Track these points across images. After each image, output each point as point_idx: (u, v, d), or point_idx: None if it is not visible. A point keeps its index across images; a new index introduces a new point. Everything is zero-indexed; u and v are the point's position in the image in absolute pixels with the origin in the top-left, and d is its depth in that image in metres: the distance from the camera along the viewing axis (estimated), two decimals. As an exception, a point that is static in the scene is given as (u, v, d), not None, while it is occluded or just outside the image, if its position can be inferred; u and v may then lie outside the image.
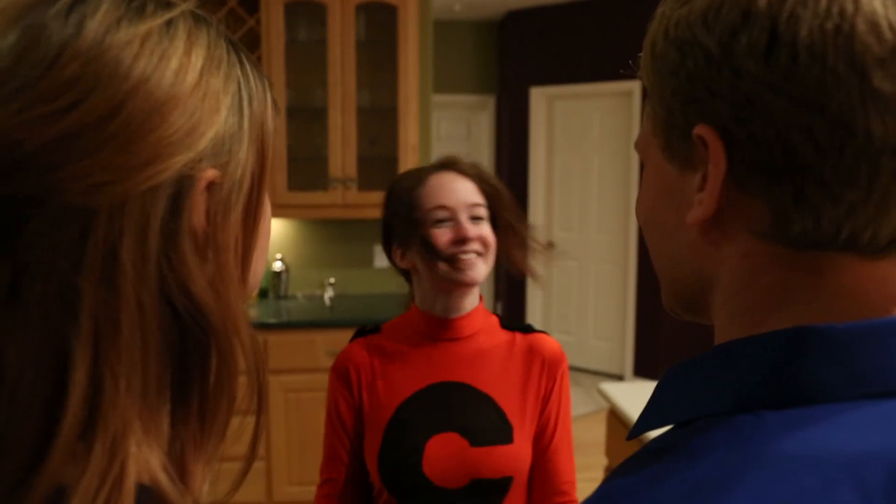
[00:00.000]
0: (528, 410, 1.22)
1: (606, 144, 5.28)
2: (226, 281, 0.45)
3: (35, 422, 0.38)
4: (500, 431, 1.18)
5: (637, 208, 0.50)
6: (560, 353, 1.26)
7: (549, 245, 1.25)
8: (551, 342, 1.27)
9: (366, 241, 3.56)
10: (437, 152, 5.56)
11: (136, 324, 0.40)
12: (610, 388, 2.21)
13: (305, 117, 3.35)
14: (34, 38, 0.39)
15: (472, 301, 1.24)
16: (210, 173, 0.43)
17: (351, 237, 3.55)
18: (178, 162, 0.41)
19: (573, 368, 5.41)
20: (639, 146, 0.49)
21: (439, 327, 1.23)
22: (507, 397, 1.21)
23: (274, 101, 0.51)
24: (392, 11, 3.20)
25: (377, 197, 3.18)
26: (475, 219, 1.19)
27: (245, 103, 0.46)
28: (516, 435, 1.19)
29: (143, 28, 0.41)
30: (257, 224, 0.48)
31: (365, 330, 1.30)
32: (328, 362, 2.95)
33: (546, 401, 1.23)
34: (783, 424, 0.36)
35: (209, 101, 0.43)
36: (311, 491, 3.03)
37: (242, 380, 0.45)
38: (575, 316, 5.56)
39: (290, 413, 3.03)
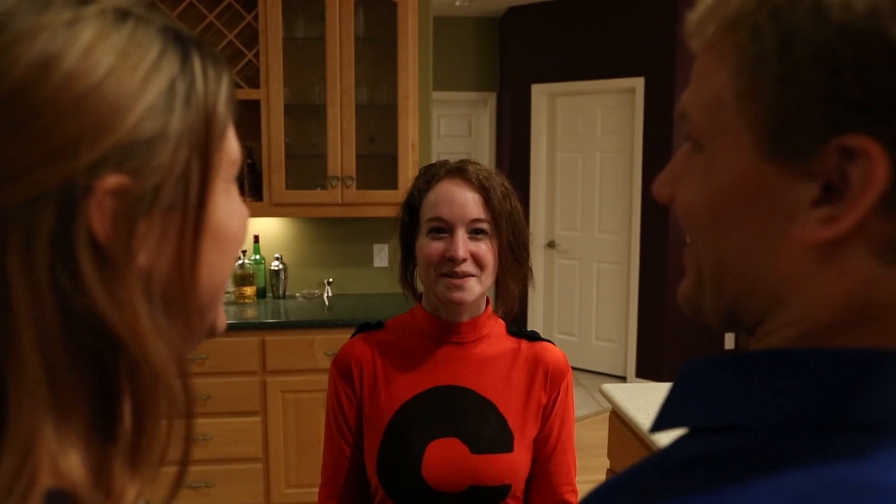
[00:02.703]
0: (529, 419, 1.20)
1: (609, 142, 5.24)
2: (132, 295, 0.41)
3: None
4: (501, 439, 1.16)
5: (688, 203, 0.44)
6: (564, 365, 1.24)
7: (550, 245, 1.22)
8: (556, 352, 1.25)
9: (365, 241, 3.52)
10: (438, 150, 5.54)
11: (35, 338, 0.38)
12: (612, 389, 2.18)
13: (304, 115, 3.32)
14: None
15: (477, 307, 1.21)
16: (113, 180, 0.40)
17: (350, 236, 3.52)
18: (62, 170, 0.38)
19: (575, 369, 5.38)
20: (700, 129, 0.42)
21: (444, 330, 1.21)
22: (509, 405, 1.19)
23: (232, 99, 0.48)
24: (392, 7, 3.17)
25: (376, 195, 3.15)
26: (476, 232, 1.15)
27: (179, 103, 0.43)
28: (516, 443, 1.17)
29: (43, 21, 0.39)
30: (199, 231, 0.45)
31: (368, 325, 1.27)
32: (327, 363, 2.92)
33: (548, 413, 1.21)
34: (858, 450, 0.34)
35: (111, 104, 0.40)
36: (309, 493, 3.00)
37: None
38: (577, 316, 5.53)
39: (288, 414, 3.00)
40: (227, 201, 0.48)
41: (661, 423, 0.43)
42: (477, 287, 1.15)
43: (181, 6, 3.10)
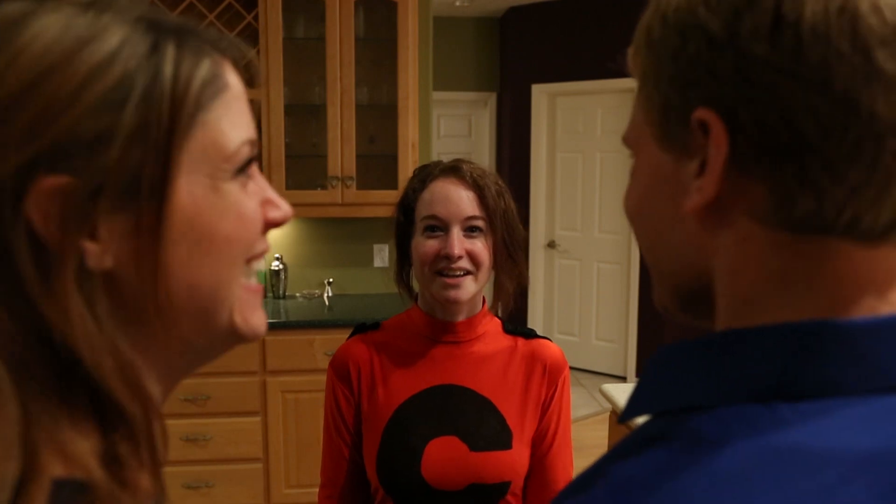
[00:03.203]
0: (528, 416, 1.20)
1: (609, 142, 5.24)
2: (70, 295, 0.40)
3: None
4: (500, 437, 1.17)
5: (626, 203, 0.49)
6: (562, 360, 1.25)
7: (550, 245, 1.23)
8: (553, 349, 1.26)
9: (365, 241, 3.52)
10: (438, 150, 5.53)
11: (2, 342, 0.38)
12: (612, 389, 2.18)
13: (304, 115, 3.32)
14: None
15: (473, 306, 1.22)
16: (50, 181, 0.39)
17: (350, 236, 3.52)
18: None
19: (575, 369, 5.38)
20: (629, 139, 0.48)
21: (441, 330, 1.21)
22: (507, 403, 1.19)
23: (211, 87, 0.45)
24: (392, 7, 3.16)
25: (377, 195, 3.15)
26: (471, 230, 1.15)
27: (135, 97, 0.41)
28: (515, 441, 1.18)
29: None
30: (158, 231, 0.42)
31: (365, 326, 1.27)
32: (327, 363, 2.91)
33: (546, 408, 1.22)
34: (798, 417, 0.37)
35: (45, 103, 0.39)
36: (309, 493, 3.00)
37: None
38: (577, 316, 5.53)
39: (288, 414, 3.00)
40: (212, 198, 0.45)
41: (628, 413, 0.45)
42: (472, 285, 1.16)
43: (181, 6, 3.10)
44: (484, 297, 1.26)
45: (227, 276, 0.47)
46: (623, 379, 5.25)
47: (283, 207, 0.51)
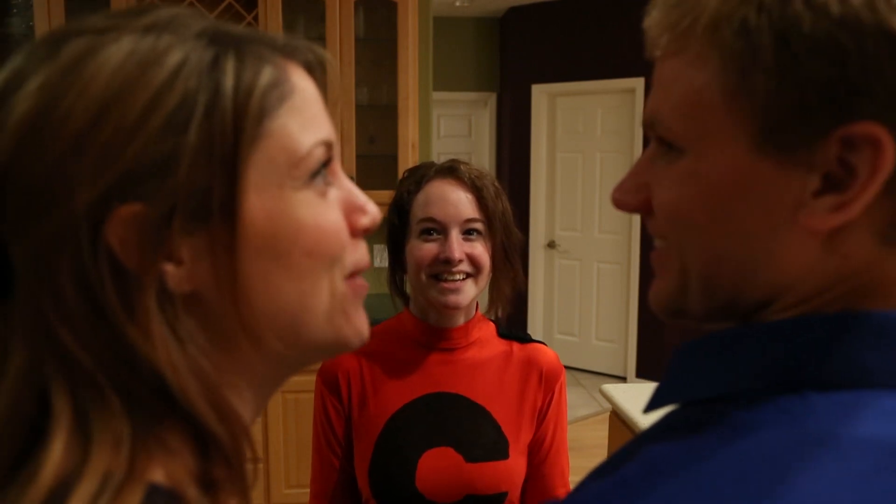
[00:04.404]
0: (524, 424, 1.17)
1: (609, 142, 5.24)
2: (153, 321, 0.40)
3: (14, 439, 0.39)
4: (496, 446, 1.14)
5: (670, 205, 0.44)
6: (558, 366, 1.22)
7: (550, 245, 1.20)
8: (549, 354, 1.22)
9: (365, 241, 3.51)
10: (438, 150, 5.53)
11: (93, 371, 0.38)
12: (612, 389, 2.18)
13: (304, 115, 3.32)
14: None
15: (468, 311, 1.18)
16: (124, 210, 0.39)
17: (350, 236, 3.51)
18: (69, 211, 0.38)
19: (575, 369, 5.38)
20: (682, 126, 0.42)
21: (434, 336, 1.17)
22: (503, 410, 1.16)
23: (283, 94, 0.43)
24: (392, 7, 3.16)
25: (377, 196, 3.14)
26: (469, 232, 1.11)
27: (198, 115, 0.40)
28: (512, 449, 1.15)
29: (41, 75, 0.39)
30: (233, 247, 0.41)
31: None
32: (327, 363, 2.92)
33: (543, 415, 1.19)
34: (830, 406, 0.36)
35: (110, 136, 0.38)
36: (308, 494, 2.99)
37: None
38: (577, 316, 5.52)
39: (288, 414, 3.00)
40: (286, 211, 0.43)
41: (654, 403, 0.44)
42: (472, 290, 1.12)
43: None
44: (477, 302, 1.22)
45: (311, 289, 0.44)
46: (623, 379, 5.25)
47: (370, 211, 0.49)
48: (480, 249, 1.11)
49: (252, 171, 0.42)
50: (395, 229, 1.17)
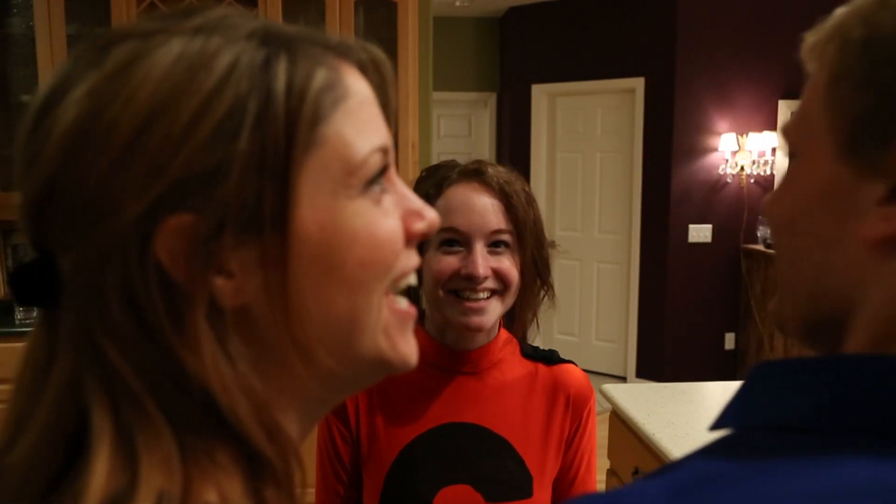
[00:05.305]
0: (550, 457, 1.05)
1: (609, 142, 5.24)
2: (203, 336, 0.38)
3: (52, 460, 0.37)
4: (519, 484, 1.02)
5: (775, 207, 0.45)
6: (587, 389, 1.09)
7: (552, 244, 1.08)
8: (577, 375, 1.10)
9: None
10: (438, 150, 5.53)
11: (143, 389, 0.37)
12: (612, 389, 2.18)
13: (304, 115, 3.32)
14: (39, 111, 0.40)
15: (491, 330, 1.05)
16: (173, 221, 0.37)
17: (350, 236, 3.51)
18: (116, 224, 0.37)
19: (575, 368, 5.38)
20: (794, 137, 0.44)
21: (451, 359, 1.04)
22: (527, 442, 1.04)
23: (339, 97, 0.41)
24: (392, 7, 3.16)
25: (376, 195, 3.14)
26: (496, 245, 0.98)
27: (248, 123, 0.38)
28: (536, 486, 1.03)
29: (87, 82, 0.38)
30: (284, 259, 0.39)
31: None
32: (327, 363, 2.91)
33: (569, 444, 1.07)
34: (892, 454, 0.34)
35: (158, 147, 0.37)
36: (309, 493, 2.98)
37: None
38: (577, 316, 5.53)
39: (289, 414, 3.00)
40: (339, 221, 0.41)
41: (720, 422, 0.43)
42: (498, 309, 0.99)
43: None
44: (501, 320, 1.07)
45: (364, 302, 0.42)
46: (623, 379, 5.25)
47: (427, 216, 0.46)
48: (508, 264, 0.98)
49: (305, 180, 0.39)
50: None
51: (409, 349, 0.46)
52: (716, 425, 0.43)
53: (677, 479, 0.37)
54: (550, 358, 1.10)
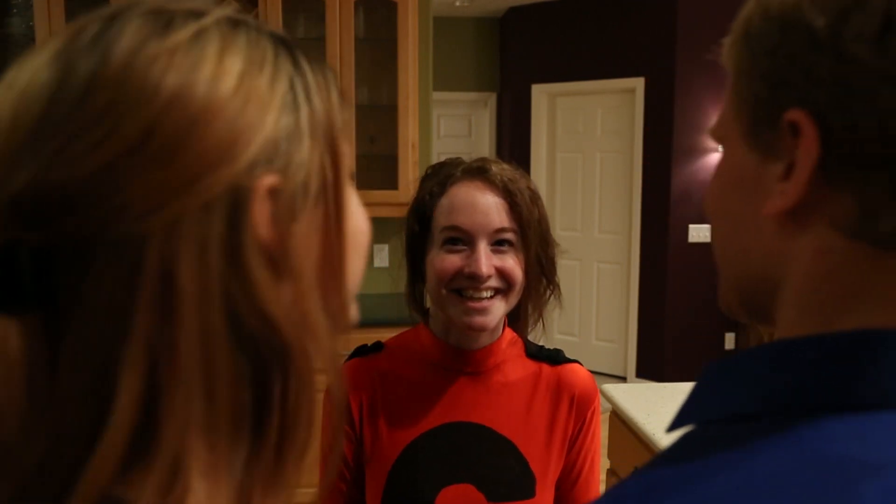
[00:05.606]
0: (553, 457, 1.05)
1: (609, 142, 5.24)
2: (304, 293, 0.41)
3: (77, 448, 0.37)
4: (522, 484, 1.02)
5: (706, 198, 0.48)
6: (591, 389, 1.09)
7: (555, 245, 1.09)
8: (582, 375, 1.10)
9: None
10: (438, 150, 5.53)
11: (198, 350, 0.38)
12: (612, 389, 2.18)
13: (304, 115, 3.32)
14: (64, 74, 0.38)
15: (495, 329, 1.04)
16: (268, 180, 0.40)
17: (350, 236, 3.51)
18: (227, 174, 0.38)
19: (575, 368, 5.38)
20: (716, 133, 0.47)
21: (454, 358, 1.04)
22: (530, 442, 1.04)
23: (339, 95, 0.46)
24: (392, 7, 3.17)
25: (377, 195, 3.14)
26: (500, 243, 0.98)
27: (301, 100, 0.42)
28: (539, 487, 1.03)
29: (170, 42, 0.39)
30: (341, 224, 0.44)
31: (365, 348, 1.10)
32: (327, 363, 2.91)
33: (573, 443, 1.07)
34: (846, 429, 0.36)
35: (252, 104, 0.40)
36: (309, 493, 2.99)
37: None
38: (577, 316, 5.53)
39: (289, 414, 3.00)
40: (353, 198, 0.47)
41: (677, 422, 0.44)
42: (501, 309, 0.99)
43: (181, 6, 3.10)
44: (506, 318, 1.07)
45: (361, 275, 0.50)
46: (623, 379, 5.25)
47: None
48: (512, 263, 0.98)
49: (343, 158, 0.45)
50: (415, 237, 1.03)
51: (356, 312, 0.52)
52: (672, 426, 0.45)
53: (617, 493, 0.38)
54: (555, 358, 1.10)
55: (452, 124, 6.06)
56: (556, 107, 5.48)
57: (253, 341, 0.40)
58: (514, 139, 5.63)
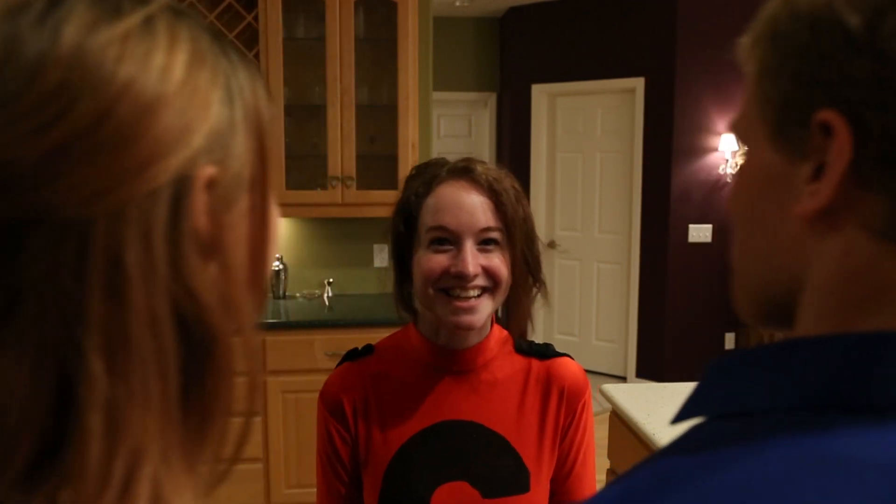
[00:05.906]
0: (546, 450, 1.06)
1: (609, 142, 5.24)
2: (233, 281, 0.43)
3: (28, 443, 0.36)
4: (516, 479, 1.03)
5: (730, 200, 0.48)
6: (582, 382, 1.10)
7: (552, 244, 1.11)
8: (572, 368, 1.11)
9: (365, 241, 3.52)
10: (438, 150, 5.53)
11: (149, 334, 0.38)
12: (612, 389, 2.18)
13: (304, 115, 3.32)
14: (9, 50, 0.38)
15: (483, 328, 1.05)
16: (208, 170, 0.41)
17: (350, 236, 3.52)
18: (174, 162, 0.39)
19: (575, 368, 5.38)
20: (738, 130, 0.47)
21: (444, 358, 1.05)
22: (523, 437, 1.05)
23: (266, 90, 0.48)
24: (392, 7, 3.17)
25: (376, 196, 3.15)
26: (486, 242, 0.99)
27: (235, 94, 0.44)
28: (533, 481, 1.04)
29: (121, 28, 0.39)
30: (266, 216, 0.46)
31: (356, 352, 1.11)
32: (327, 363, 2.92)
33: (564, 435, 1.08)
34: (852, 428, 0.36)
35: (198, 96, 0.41)
36: (309, 493, 3.00)
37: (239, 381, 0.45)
38: (577, 316, 5.53)
39: (289, 414, 3.00)
40: (272, 191, 0.50)
41: (681, 415, 0.44)
42: (488, 307, 1.00)
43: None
44: (493, 315, 1.08)
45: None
46: (623, 379, 5.25)
47: None
48: (498, 262, 0.99)
49: (269, 150, 0.47)
50: (401, 237, 1.04)
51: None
52: (676, 418, 0.45)
53: (630, 485, 0.38)
54: (545, 352, 1.11)
55: (452, 124, 6.06)
56: (556, 107, 5.48)
57: (188, 325, 0.41)
58: (514, 139, 5.63)
